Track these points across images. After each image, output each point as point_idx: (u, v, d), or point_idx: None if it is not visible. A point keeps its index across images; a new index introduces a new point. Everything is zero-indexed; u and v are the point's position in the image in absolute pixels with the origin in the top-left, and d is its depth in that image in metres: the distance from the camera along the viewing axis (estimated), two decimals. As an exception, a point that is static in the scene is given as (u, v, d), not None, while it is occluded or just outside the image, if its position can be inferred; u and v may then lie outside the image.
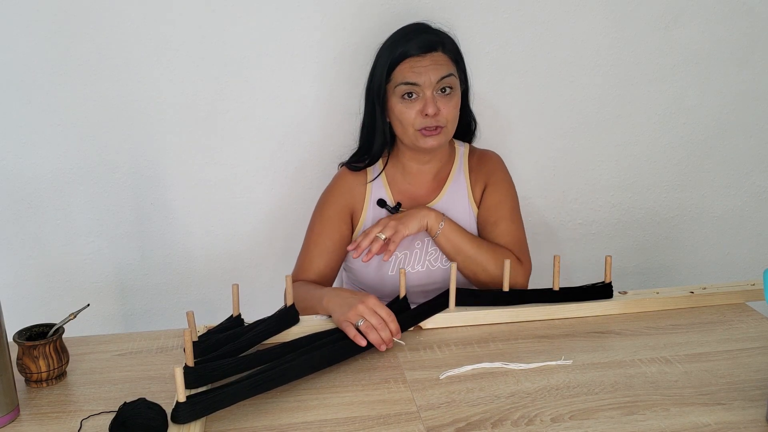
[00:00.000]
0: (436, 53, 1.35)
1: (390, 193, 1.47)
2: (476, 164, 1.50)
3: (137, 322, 1.76)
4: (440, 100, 1.35)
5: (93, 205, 1.66)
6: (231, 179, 1.69)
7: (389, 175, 1.49)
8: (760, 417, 0.98)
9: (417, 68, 1.34)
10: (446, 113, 1.36)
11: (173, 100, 1.60)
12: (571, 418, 0.98)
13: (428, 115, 1.34)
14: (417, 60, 1.35)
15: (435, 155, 1.46)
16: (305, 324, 1.23)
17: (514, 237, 1.44)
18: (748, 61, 1.79)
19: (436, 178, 1.49)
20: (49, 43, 1.53)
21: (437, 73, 1.34)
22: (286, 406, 1.03)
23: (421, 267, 1.44)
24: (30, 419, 1.01)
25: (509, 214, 1.45)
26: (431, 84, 1.34)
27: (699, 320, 1.29)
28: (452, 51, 1.39)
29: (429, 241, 1.44)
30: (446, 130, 1.38)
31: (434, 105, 1.34)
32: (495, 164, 1.51)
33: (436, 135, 1.37)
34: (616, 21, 1.70)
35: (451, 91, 1.36)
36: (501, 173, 1.50)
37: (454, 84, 1.37)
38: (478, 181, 1.48)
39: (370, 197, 1.47)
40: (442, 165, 1.48)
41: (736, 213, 1.93)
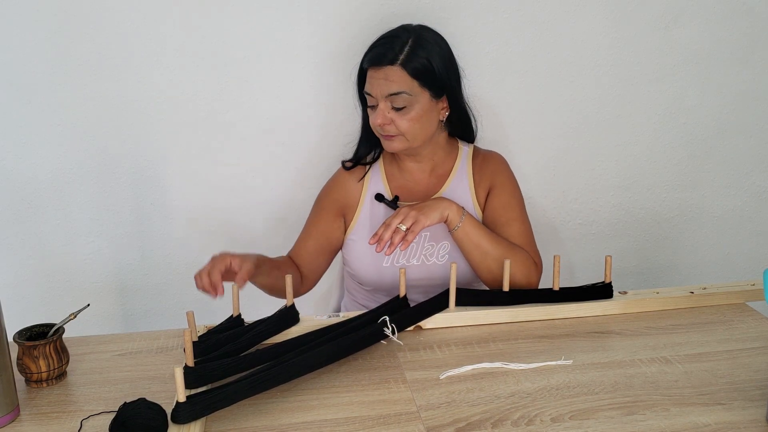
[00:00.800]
0: (391, 68, 1.34)
1: (388, 189, 1.49)
2: (480, 165, 1.50)
3: (137, 322, 1.76)
4: (393, 113, 1.37)
5: (93, 205, 1.66)
6: (231, 179, 1.69)
7: (387, 171, 1.51)
8: (760, 417, 0.98)
9: (372, 80, 1.37)
10: (399, 125, 1.37)
11: (173, 100, 1.60)
12: (571, 418, 0.98)
13: (376, 124, 1.38)
14: (373, 71, 1.37)
15: (424, 156, 1.47)
16: (305, 324, 1.23)
17: (526, 237, 1.44)
18: (748, 61, 1.79)
19: (435, 174, 1.49)
20: (49, 43, 1.53)
21: (387, 88, 1.35)
22: (286, 406, 1.03)
23: (416, 261, 1.45)
24: (30, 419, 1.01)
25: (519, 215, 1.46)
26: (382, 96, 1.36)
27: (699, 320, 1.29)
28: (415, 67, 1.35)
29: (426, 236, 1.45)
30: (402, 138, 1.39)
31: (383, 115, 1.36)
32: (499, 165, 1.51)
33: (393, 140, 1.39)
34: (616, 21, 1.70)
35: (405, 108, 1.36)
36: (506, 174, 1.50)
37: (407, 101, 1.35)
38: (482, 181, 1.49)
39: (366, 193, 1.49)
40: (438, 161, 1.49)
41: (736, 213, 1.93)
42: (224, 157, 1.67)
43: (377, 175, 1.50)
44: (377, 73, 1.36)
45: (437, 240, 1.45)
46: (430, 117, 1.40)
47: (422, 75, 1.36)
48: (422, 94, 1.37)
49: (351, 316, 1.25)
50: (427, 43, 1.37)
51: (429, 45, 1.37)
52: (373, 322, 1.20)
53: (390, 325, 1.19)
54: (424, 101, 1.37)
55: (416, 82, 1.35)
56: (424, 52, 1.36)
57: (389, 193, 1.49)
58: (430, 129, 1.42)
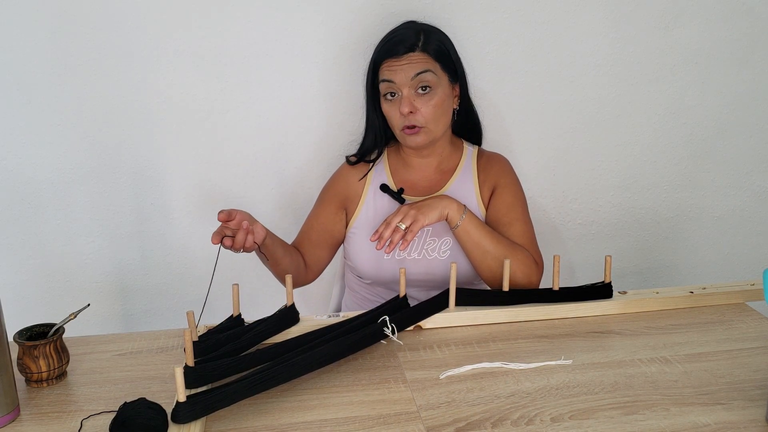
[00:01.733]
0: (413, 53, 1.38)
1: (392, 182, 1.50)
2: (485, 165, 1.51)
3: (137, 322, 1.76)
4: (418, 99, 1.38)
5: (93, 205, 1.66)
6: (231, 179, 1.69)
7: (392, 165, 1.52)
8: (760, 417, 0.98)
9: (393, 67, 1.38)
10: (425, 112, 1.38)
11: (173, 100, 1.61)
12: (571, 418, 0.98)
13: (403, 113, 1.38)
14: (395, 60, 1.38)
15: (434, 150, 1.48)
16: (305, 324, 1.23)
17: (528, 237, 1.45)
18: (748, 61, 1.79)
19: (440, 170, 1.50)
20: (49, 43, 1.53)
21: (412, 70, 1.37)
22: (286, 406, 1.03)
23: (417, 255, 1.45)
24: (30, 419, 1.01)
25: (522, 216, 1.47)
26: (407, 82, 1.37)
27: (699, 320, 1.29)
28: (435, 49, 1.40)
29: (428, 231, 1.45)
30: (427, 129, 1.40)
31: (410, 103, 1.37)
32: (504, 166, 1.52)
33: (416, 134, 1.40)
34: (616, 21, 1.70)
35: (429, 90, 1.38)
36: (511, 175, 1.51)
37: (432, 81, 1.38)
38: (487, 181, 1.49)
39: (369, 186, 1.50)
40: (443, 159, 1.50)
41: (736, 213, 1.93)
42: (224, 156, 1.67)
43: (381, 169, 1.51)
44: (399, 61, 1.38)
45: (439, 236, 1.45)
46: (448, 103, 1.43)
47: (442, 56, 1.41)
48: (443, 77, 1.41)
49: (351, 316, 1.25)
50: (437, 33, 1.44)
51: (439, 34, 1.44)
52: (373, 322, 1.20)
53: (390, 325, 1.19)
54: (444, 84, 1.41)
55: (438, 64, 1.40)
56: (437, 37, 1.42)
57: (394, 186, 1.50)
58: (448, 117, 1.44)
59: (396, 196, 1.47)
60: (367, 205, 1.49)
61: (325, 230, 1.51)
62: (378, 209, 1.49)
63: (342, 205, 1.52)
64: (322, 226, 1.51)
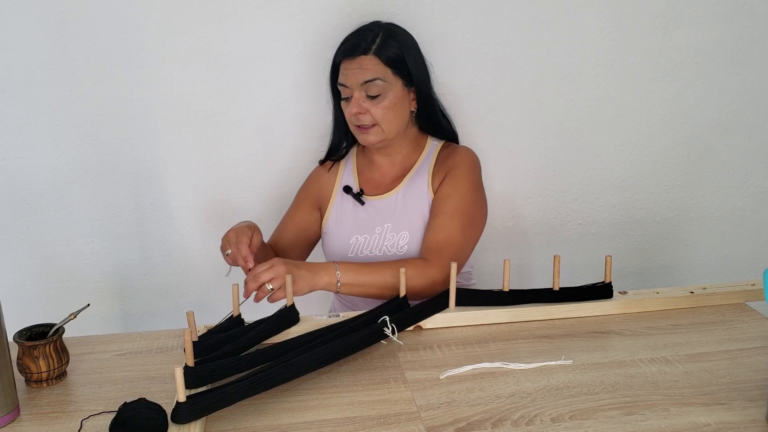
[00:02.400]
0: (364, 57, 1.40)
1: (357, 181, 1.53)
2: (444, 157, 1.50)
3: (137, 322, 1.76)
4: (367, 102, 1.41)
5: (93, 205, 1.66)
6: (231, 179, 1.69)
7: (359, 165, 1.56)
8: (760, 417, 0.98)
9: (346, 71, 1.41)
10: (374, 113, 1.41)
11: (173, 100, 1.61)
12: (571, 418, 0.98)
13: (351, 113, 1.41)
14: (347, 63, 1.41)
15: (392, 147, 1.50)
16: (305, 324, 1.23)
17: (443, 234, 1.39)
18: (748, 61, 1.79)
19: (402, 167, 1.52)
20: (49, 43, 1.53)
21: (362, 76, 1.39)
22: (286, 406, 1.03)
23: (378, 252, 1.47)
24: (30, 419, 1.01)
25: (451, 210, 1.41)
26: (357, 86, 1.40)
27: (699, 320, 1.29)
28: (388, 55, 1.40)
29: (388, 227, 1.47)
30: (378, 129, 1.43)
31: (359, 105, 1.40)
32: (461, 158, 1.48)
33: (369, 131, 1.43)
34: (616, 21, 1.70)
35: (378, 96, 1.40)
36: (463, 168, 1.46)
37: (381, 89, 1.40)
38: (440, 172, 1.48)
39: (338, 185, 1.54)
40: (405, 155, 1.52)
41: (736, 213, 1.93)
42: (224, 156, 1.67)
43: (349, 168, 1.55)
44: (351, 64, 1.40)
45: (397, 230, 1.47)
46: (403, 106, 1.44)
47: (395, 63, 1.41)
48: (395, 82, 1.42)
49: (351, 316, 1.25)
50: (397, 35, 1.43)
51: (399, 36, 1.44)
52: (373, 322, 1.20)
53: (390, 325, 1.19)
54: (397, 89, 1.42)
55: (389, 70, 1.41)
56: (395, 41, 1.42)
57: (357, 185, 1.53)
58: (403, 119, 1.45)
59: (356, 197, 1.50)
60: (335, 206, 1.53)
61: (299, 230, 1.54)
62: (344, 208, 1.52)
63: (316, 205, 1.55)
64: (297, 225, 1.54)
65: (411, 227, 1.46)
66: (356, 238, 1.49)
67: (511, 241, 1.85)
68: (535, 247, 1.87)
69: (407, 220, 1.47)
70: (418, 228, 1.46)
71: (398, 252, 1.46)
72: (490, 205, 1.81)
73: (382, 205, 1.49)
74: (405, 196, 1.48)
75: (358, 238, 1.49)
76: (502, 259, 1.29)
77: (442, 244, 1.38)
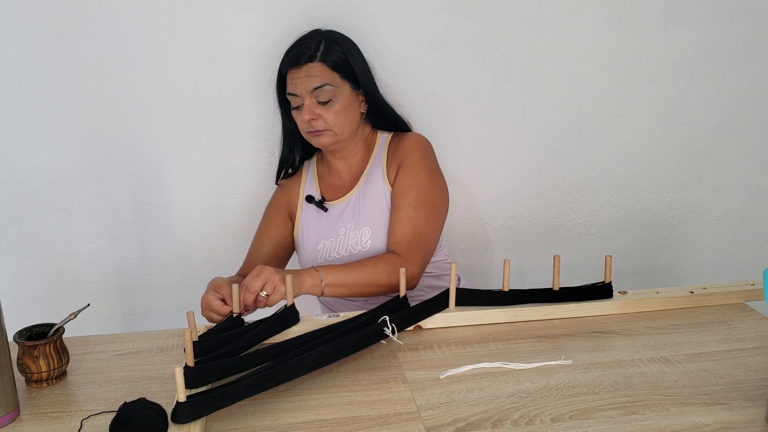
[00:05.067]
0: (311, 64, 1.41)
1: (318, 189, 1.55)
2: (394, 147, 1.51)
3: (137, 322, 1.76)
4: (319, 107, 1.42)
5: (93, 205, 1.66)
6: (231, 179, 1.69)
7: (319, 173, 1.57)
8: (760, 417, 0.98)
9: (295, 80, 1.42)
10: (326, 118, 1.42)
11: (173, 100, 1.61)
12: (571, 418, 0.98)
13: (304, 120, 1.42)
14: (294, 72, 1.42)
15: (347, 150, 1.51)
16: (305, 324, 1.23)
17: (410, 227, 1.39)
18: (748, 61, 1.79)
19: (356, 168, 1.53)
20: (49, 43, 1.53)
21: (311, 83, 1.40)
22: (286, 406, 1.03)
23: (345, 252, 1.48)
24: (30, 419, 1.01)
25: (413, 201, 1.41)
26: (307, 93, 1.41)
27: (699, 320, 1.29)
28: (333, 60, 1.42)
29: (350, 227, 1.48)
30: (331, 132, 1.44)
31: (311, 111, 1.41)
32: (411, 145, 1.48)
33: (322, 135, 1.44)
34: (616, 21, 1.70)
35: (329, 101, 1.42)
36: (416, 156, 1.46)
37: (331, 93, 1.42)
38: (393, 162, 1.49)
39: (302, 194, 1.56)
40: (359, 157, 1.53)
41: (736, 213, 1.93)
42: (224, 156, 1.67)
43: (311, 177, 1.57)
44: (299, 72, 1.42)
45: (359, 227, 1.47)
46: (353, 108, 1.46)
47: (341, 67, 1.43)
48: (344, 86, 1.43)
49: (351, 316, 1.25)
50: (339, 40, 1.46)
51: (341, 41, 1.46)
52: (373, 322, 1.20)
53: (390, 325, 1.19)
54: (346, 93, 1.44)
55: (337, 75, 1.43)
56: (338, 46, 1.44)
57: (319, 193, 1.55)
58: (354, 121, 1.47)
59: (319, 205, 1.52)
60: (303, 214, 1.54)
61: (276, 243, 1.54)
62: (308, 217, 1.53)
63: (287, 216, 1.56)
64: (273, 239, 1.54)
65: (371, 223, 1.47)
66: (323, 244, 1.50)
67: (511, 241, 1.85)
68: (535, 247, 1.87)
69: (367, 216, 1.48)
70: (378, 222, 1.47)
71: (363, 248, 1.46)
72: (491, 205, 1.82)
73: (342, 207, 1.51)
74: (363, 193, 1.49)
75: (325, 243, 1.50)
76: (502, 259, 1.30)
77: (411, 237, 1.39)
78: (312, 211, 1.54)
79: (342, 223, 1.50)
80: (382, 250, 1.45)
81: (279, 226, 1.56)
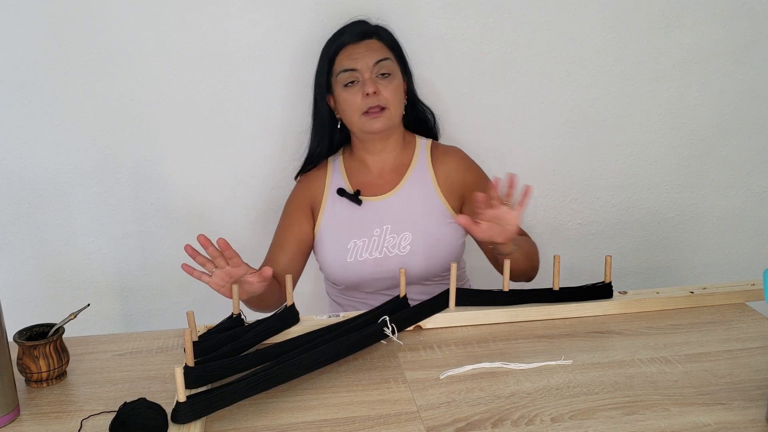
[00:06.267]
0: (370, 40, 1.45)
1: (349, 184, 1.51)
2: (441, 158, 1.51)
3: (137, 322, 1.76)
4: (380, 82, 1.42)
5: (93, 205, 1.66)
6: (231, 179, 1.69)
7: (347, 167, 1.53)
8: (760, 417, 0.98)
9: (354, 54, 1.42)
10: (386, 94, 1.42)
11: (173, 100, 1.61)
12: (571, 418, 0.98)
13: (368, 94, 1.40)
14: (353, 47, 1.43)
15: (387, 144, 1.49)
16: (305, 324, 1.23)
17: None
18: (748, 61, 1.79)
19: (394, 166, 1.51)
20: (49, 43, 1.53)
21: (373, 56, 1.42)
22: (286, 406, 1.03)
23: (379, 254, 1.46)
24: (30, 419, 1.01)
25: None
26: (369, 67, 1.41)
27: (699, 320, 1.29)
28: (388, 40, 1.48)
29: (387, 229, 1.46)
30: (389, 112, 1.43)
31: (373, 84, 1.41)
32: (463, 159, 1.53)
33: (380, 116, 1.42)
34: (616, 21, 1.70)
35: (389, 76, 1.43)
36: (476, 167, 1.53)
37: (391, 69, 1.44)
38: (448, 177, 1.50)
39: (329, 188, 1.51)
40: (397, 154, 1.51)
41: (736, 213, 1.93)
42: (224, 156, 1.67)
43: (338, 171, 1.53)
44: (358, 48, 1.43)
45: (398, 232, 1.46)
46: (401, 94, 1.47)
47: (395, 48, 1.48)
48: (397, 67, 1.46)
49: (351, 316, 1.25)
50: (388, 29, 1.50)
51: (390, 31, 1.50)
52: (373, 322, 1.20)
53: (390, 325, 1.19)
54: (398, 74, 1.46)
55: (392, 54, 1.46)
56: (389, 33, 1.50)
57: (350, 188, 1.50)
58: (402, 107, 1.48)
59: (352, 197, 1.48)
60: (328, 210, 1.50)
61: (299, 240, 1.50)
62: (338, 211, 1.49)
63: (309, 211, 1.52)
64: (296, 235, 1.50)
65: (413, 228, 1.46)
66: (354, 242, 1.47)
67: (511, 241, 1.85)
68: (535, 247, 1.87)
69: (409, 220, 1.46)
70: (420, 229, 1.46)
71: (400, 253, 1.45)
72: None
73: (379, 206, 1.48)
74: (406, 196, 1.48)
75: (356, 242, 1.47)
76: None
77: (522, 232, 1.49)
78: (342, 205, 1.49)
79: (377, 222, 1.47)
80: (420, 258, 1.44)
81: (302, 222, 1.51)
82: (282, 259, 1.48)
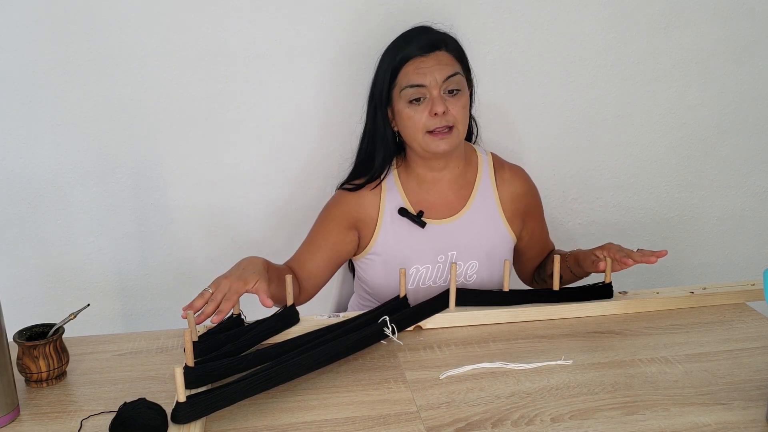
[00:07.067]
0: (439, 52, 1.32)
1: (408, 204, 1.41)
2: (508, 181, 1.46)
3: (137, 322, 1.76)
4: (448, 100, 1.32)
5: (93, 205, 1.66)
6: (231, 179, 1.69)
7: (404, 185, 1.42)
8: (760, 417, 0.98)
9: (421, 69, 1.31)
10: (455, 113, 1.31)
11: (173, 100, 1.60)
12: (571, 418, 0.98)
13: (437, 114, 1.30)
14: (421, 61, 1.32)
15: (450, 161, 1.40)
16: (305, 324, 1.23)
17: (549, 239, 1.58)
18: (748, 61, 1.79)
19: (458, 185, 1.43)
20: (49, 43, 1.53)
21: (442, 72, 1.31)
22: (286, 406, 1.03)
23: (443, 282, 1.42)
24: (30, 419, 1.01)
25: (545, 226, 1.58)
26: (437, 84, 1.30)
27: (699, 320, 1.29)
28: (456, 50, 1.36)
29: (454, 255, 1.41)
30: (457, 131, 1.33)
31: (442, 103, 1.30)
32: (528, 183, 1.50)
33: (447, 136, 1.32)
34: (616, 21, 1.70)
35: (458, 92, 1.33)
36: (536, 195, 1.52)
37: (461, 84, 1.33)
38: (513, 202, 1.45)
39: (384, 208, 1.41)
40: (460, 171, 1.43)
41: (736, 213, 1.93)
42: (225, 156, 1.67)
43: (393, 190, 1.42)
44: (426, 61, 1.31)
45: (465, 258, 1.41)
46: (468, 109, 1.38)
47: (462, 60, 1.38)
48: (464, 81, 1.37)
49: (351, 316, 1.25)
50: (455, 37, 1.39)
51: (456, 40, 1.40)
52: (373, 322, 1.20)
53: (390, 325, 1.19)
54: (466, 89, 1.37)
55: (460, 66, 1.36)
56: (455, 42, 1.38)
57: (410, 208, 1.41)
58: (467, 122, 1.39)
59: (416, 219, 1.39)
60: (385, 230, 1.40)
61: (335, 251, 1.42)
62: (398, 233, 1.40)
63: (354, 226, 1.42)
64: (332, 247, 1.41)
65: (479, 256, 1.40)
66: (417, 268, 1.40)
67: (511, 241, 1.85)
68: (535, 247, 1.87)
69: (476, 247, 1.40)
70: (485, 257, 1.40)
71: (466, 282, 1.41)
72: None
73: (444, 229, 1.40)
74: (471, 220, 1.41)
75: (419, 268, 1.40)
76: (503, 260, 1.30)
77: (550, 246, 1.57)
78: (403, 224, 1.39)
79: (442, 248, 1.40)
80: (487, 286, 1.42)
81: (342, 233, 1.41)
82: (310, 266, 1.41)
